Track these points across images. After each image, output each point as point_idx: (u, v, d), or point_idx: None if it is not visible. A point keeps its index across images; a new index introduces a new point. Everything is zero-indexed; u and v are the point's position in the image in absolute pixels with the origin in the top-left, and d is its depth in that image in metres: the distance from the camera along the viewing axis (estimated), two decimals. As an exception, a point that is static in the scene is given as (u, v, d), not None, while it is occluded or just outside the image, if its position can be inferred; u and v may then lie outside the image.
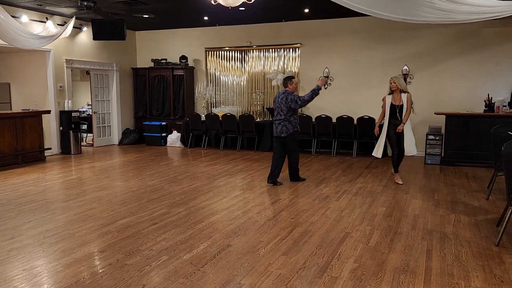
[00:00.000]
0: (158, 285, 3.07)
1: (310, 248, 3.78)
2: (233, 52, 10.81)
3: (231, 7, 6.45)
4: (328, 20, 9.66)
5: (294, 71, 10.06)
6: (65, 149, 9.54)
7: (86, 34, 10.08)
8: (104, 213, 4.90)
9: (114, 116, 11.20)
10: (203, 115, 10.29)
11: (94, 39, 9.35)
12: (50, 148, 9.26)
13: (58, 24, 9.08)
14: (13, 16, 7.86)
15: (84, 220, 4.63)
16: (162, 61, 11.12)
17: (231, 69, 10.92)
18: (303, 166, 7.73)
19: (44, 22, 8.81)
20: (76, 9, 8.49)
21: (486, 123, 7.72)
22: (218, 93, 11.14)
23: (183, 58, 10.89)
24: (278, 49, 10.32)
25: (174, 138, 10.79)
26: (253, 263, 3.46)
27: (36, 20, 8.77)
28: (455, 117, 8.07)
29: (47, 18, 8.86)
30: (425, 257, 3.59)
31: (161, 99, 11.25)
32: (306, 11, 8.84)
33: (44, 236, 4.12)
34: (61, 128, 9.54)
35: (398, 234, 4.17)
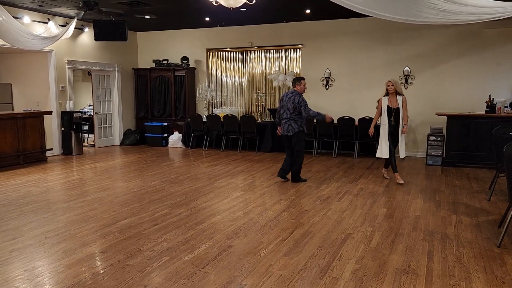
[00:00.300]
0: (159, 286, 3.08)
1: (311, 249, 3.78)
2: (235, 53, 10.82)
3: (232, 8, 6.47)
4: (330, 21, 9.66)
5: (296, 72, 10.06)
6: (67, 150, 9.55)
7: (88, 35, 10.10)
8: (106, 214, 4.90)
9: (116, 117, 11.22)
10: (204, 116, 10.30)
11: (96, 40, 9.36)
12: (52, 149, 9.28)
13: (60, 25, 9.09)
14: (15, 17, 7.88)
15: (86, 221, 4.64)
16: (164, 62, 11.13)
17: (233, 70, 10.93)
18: (305, 167, 7.72)
19: (46, 23, 8.83)
20: (78, 10, 8.51)
21: (488, 124, 7.72)
22: (220, 94, 11.15)
23: (185, 59, 10.90)
24: (279, 50, 10.33)
25: (176, 139, 10.80)
26: (254, 264, 3.46)
27: (38, 21, 8.79)
28: (457, 118, 8.07)
29: (49, 19, 8.88)
30: (426, 258, 3.59)
31: (163, 100, 11.27)
32: (308, 12, 8.84)
33: (46, 237, 4.13)
34: (63, 129, 9.56)
35: (399, 235, 4.17)
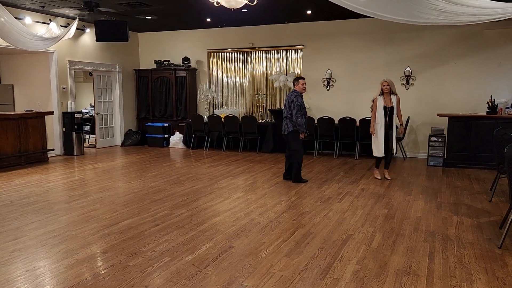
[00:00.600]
0: (161, 286, 3.08)
1: (312, 250, 3.78)
2: (236, 54, 10.82)
3: (234, 9, 6.48)
4: (331, 22, 9.66)
5: (297, 73, 10.06)
6: (68, 150, 9.56)
7: (89, 36, 10.11)
8: (107, 214, 4.91)
9: (117, 117, 11.23)
10: (206, 117, 10.31)
11: (97, 41, 9.38)
12: (53, 149, 9.29)
13: (62, 26, 9.11)
14: (17, 18, 7.89)
15: (87, 221, 4.64)
16: (165, 63, 11.14)
17: (234, 71, 10.93)
18: (305, 168, 7.73)
19: (48, 24, 8.84)
20: (79, 11, 8.52)
21: (489, 125, 7.71)
22: (221, 95, 11.15)
23: (186, 60, 10.90)
24: (281, 51, 10.33)
25: (177, 140, 10.81)
26: (255, 265, 3.46)
27: (40, 22, 8.81)
28: (458, 119, 8.06)
29: (51, 20, 8.90)
30: (428, 259, 3.58)
31: (164, 101, 11.27)
32: (308, 13, 8.84)
33: (47, 237, 4.14)
34: (64, 129, 9.58)
35: (401, 236, 4.16)
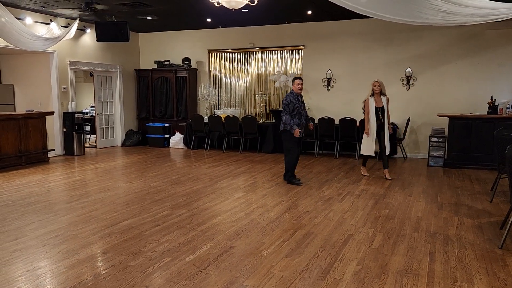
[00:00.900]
0: (161, 287, 3.08)
1: (313, 250, 3.78)
2: (236, 54, 10.82)
3: (234, 9, 6.49)
4: (331, 22, 9.66)
5: (297, 73, 10.07)
6: (68, 151, 9.57)
7: (90, 36, 10.11)
8: (107, 215, 4.91)
9: (117, 118, 11.23)
10: (206, 117, 10.31)
11: (98, 41, 9.39)
12: (54, 150, 9.29)
13: (62, 26, 9.11)
14: (18, 18, 7.89)
15: (87, 221, 4.64)
16: (165, 63, 11.14)
17: (234, 71, 10.93)
18: (306, 168, 7.73)
19: (48, 24, 8.84)
20: (80, 11, 8.52)
21: (490, 125, 7.71)
22: (221, 95, 11.15)
23: (186, 60, 10.90)
24: (281, 51, 10.33)
25: (177, 140, 10.81)
26: (256, 265, 3.46)
27: (40, 22, 8.81)
28: (458, 119, 8.06)
29: (51, 20, 8.90)
30: (428, 260, 3.58)
31: (164, 101, 11.27)
32: (309, 13, 8.84)
33: (48, 237, 4.14)
34: (65, 130, 9.58)
35: (401, 237, 4.16)
